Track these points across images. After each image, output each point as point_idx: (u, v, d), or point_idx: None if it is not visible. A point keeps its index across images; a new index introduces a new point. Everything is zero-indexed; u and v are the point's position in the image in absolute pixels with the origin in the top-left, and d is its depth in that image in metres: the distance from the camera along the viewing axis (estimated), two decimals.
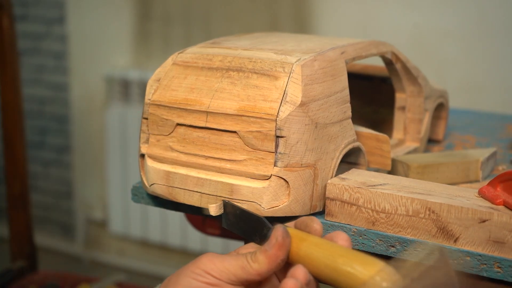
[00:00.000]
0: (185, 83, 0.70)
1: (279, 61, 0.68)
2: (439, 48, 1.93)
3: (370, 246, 0.66)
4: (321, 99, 0.67)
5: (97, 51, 2.45)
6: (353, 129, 0.73)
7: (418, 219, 0.63)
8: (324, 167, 0.68)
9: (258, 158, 0.65)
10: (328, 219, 0.68)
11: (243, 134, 0.65)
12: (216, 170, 0.67)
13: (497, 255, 0.60)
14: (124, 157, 2.40)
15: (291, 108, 0.65)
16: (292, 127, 0.64)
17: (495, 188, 0.64)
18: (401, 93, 0.88)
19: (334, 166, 0.69)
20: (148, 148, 0.71)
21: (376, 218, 0.65)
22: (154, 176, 0.70)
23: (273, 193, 0.65)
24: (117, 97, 2.41)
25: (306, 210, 0.67)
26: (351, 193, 0.66)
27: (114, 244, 2.59)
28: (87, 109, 2.50)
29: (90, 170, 2.54)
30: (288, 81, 0.66)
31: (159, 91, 0.71)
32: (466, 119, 1.14)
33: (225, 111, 0.66)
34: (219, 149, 0.67)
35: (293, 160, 0.65)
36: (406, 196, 0.64)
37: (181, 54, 0.73)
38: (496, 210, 0.61)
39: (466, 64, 1.90)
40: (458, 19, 1.88)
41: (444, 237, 0.62)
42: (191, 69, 0.71)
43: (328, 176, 0.69)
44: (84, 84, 2.49)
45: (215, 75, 0.69)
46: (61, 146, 2.56)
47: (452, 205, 0.62)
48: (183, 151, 0.69)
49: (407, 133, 0.90)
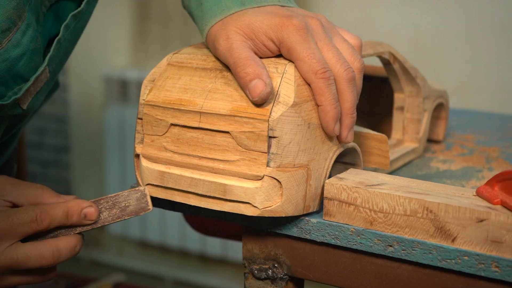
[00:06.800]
0: (179, 84, 0.70)
1: (272, 61, 0.68)
2: (437, 48, 1.93)
3: (368, 246, 0.66)
4: (314, 100, 0.67)
5: (95, 52, 2.45)
6: None
7: (416, 218, 0.63)
8: (317, 168, 0.68)
9: (250, 158, 0.65)
10: (326, 219, 0.68)
11: (235, 134, 0.65)
12: (210, 171, 0.67)
13: (494, 255, 0.60)
14: (122, 157, 2.40)
15: (283, 108, 0.64)
16: (284, 127, 0.64)
17: (493, 188, 0.64)
18: (399, 93, 0.88)
19: (328, 166, 0.69)
20: (142, 148, 0.71)
21: (374, 218, 0.65)
22: (148, 176, 0.70)
23: (266, 194, 0.65)
24: (115, 97, 2.41)
25: (299, 210, 0.67)
26: (349, 192, 0.66)
27: (113, 244, 2.59)
28: (86, 109, 2.50)
29: (89, 170, 2.54)
30: (281, 82, 0.66)
31: (153, 91, 0.71)
32: (464, 119, 1.14)
33: (218, 111, 0.66)
34: (213, 150, 0.67)
35: (285, 160, 0.65)
36: (404, 196, 0.64)
37: (176, 54, 0.73)
38: (493, 210, 0.60)
39: (465, 64, 1.90)
40: (457, 19, 1.89)
41: (442, 236, 0.62)
42: (186, 70, 0.71)
43: (321, 177, 0.68)
44: (83, 84, 2.49)
45: (209, 75, 0.69)
46: (59, 146, 2.56)
47: (450, 204, 0.62)
48: (177, 151, 0.69)
49: (405, 133, 0.89)
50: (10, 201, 0.67)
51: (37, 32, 0.72)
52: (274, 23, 0.67)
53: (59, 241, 0.66)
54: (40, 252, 0.65)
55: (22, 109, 0.74)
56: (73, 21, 0.78)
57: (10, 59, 0.70)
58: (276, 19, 0.67)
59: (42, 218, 0.65)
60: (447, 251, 0.62)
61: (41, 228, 0.66)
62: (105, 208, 0.68)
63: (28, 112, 0.77)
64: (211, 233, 1.24)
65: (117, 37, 2.39)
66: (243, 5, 0.69)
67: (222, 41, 0.67)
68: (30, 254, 0.65)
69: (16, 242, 0.65)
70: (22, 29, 0.70)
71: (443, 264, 0.62)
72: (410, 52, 1.75)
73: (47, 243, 0.66)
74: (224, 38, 0.67)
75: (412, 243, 0.63)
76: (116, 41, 2.40)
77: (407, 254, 0.64)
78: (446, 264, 0.62)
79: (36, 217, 0.65)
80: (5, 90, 0.71)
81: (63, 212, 0.66)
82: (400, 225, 0.64)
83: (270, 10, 0.69)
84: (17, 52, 0.70)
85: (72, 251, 0.67)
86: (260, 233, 0.72)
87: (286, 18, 0.66)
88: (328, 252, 0.69)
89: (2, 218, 0.64)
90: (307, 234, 0.68)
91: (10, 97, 0.71)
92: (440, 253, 0.62)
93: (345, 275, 0.69)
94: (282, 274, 0.72)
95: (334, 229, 0.67)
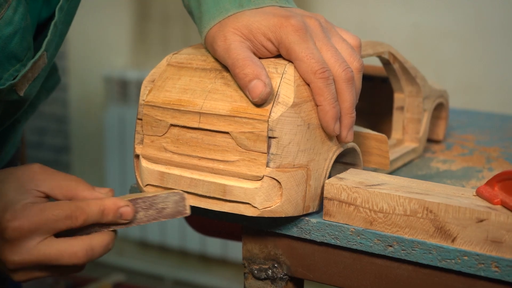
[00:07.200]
0: (179, 84, 0.70)
1: (272, 61, 0.68)
2: (437, 48, 1.93)
3: (368, 246, 0.66)
4: (314, 100, 0.67)
5: (95, 52, 2.45)
6: None
7: (416, 218, 0.63)
8: (317, 168, 0.68)
9: (250, 159, 0.65)
10: (326, 219, 0.68)
11: (235, 135, 0.65)
12: (209, 171, 0.67)
13: (494, 255, 0.60)
14: (122, 157, 2.40)
15: (283, 109, 0.64)
16: (284, 128, 0.64)
17: (493, 188, 0.64)
18: (399, 93, 0.88)
19: (328, 166, 0.69)
20: (142, 149, 0.71)
21: (374, 218, 0.65)
22: (148, 177, 0.70)
23: (265, 194, 0.65)
24: (115, 98, 2.41)
25: (298, 210, 0.67)
26: (348, 193, 0.66)
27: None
28: (86, 109, 2.50)
29: (89, 170, 2.54)
30: (280, 82, 0.66)
31: (153, 92, 0.71)
32: (464, 119, 1.14)
33: (217, 112, 0.66)
34: (212, 150, 0.67)
35: (285, 161, 0.65)
36: (404, 196, 0.64)
37: (175, 55, 0.73)
38: (493, 210, 0.60)
39: (464, 64, 1.90)
40: (457, 19, 1.89)
41: (442, 236, 0.62)
42: (185, 70, 0.71)
43: (321, 177, 0.68)
44: (83, 85, 2.49)
45: (208, 75, 0.69)
46: (59, 147, 2.56)
47: (450, 204, 0.62)
48: (177, 152, 0.69)
49: (405, 133, 0.89)
50: (44, 192, 0.66)
51: (26, 9, 0.71)
52: (272, 23, 0.66)
53: (93, 238, 0.65)
54: (74, 250, 0.63)
55: (19, 95, 0.72)
56: (66, 2, 0.76)
57: (3, 37, 0.68)
58: (275, 19, 0.67)
59: (77, 215, 0.64)
60: (447, 251, 0.62)
61: (75, 225, 0.64)
62: (141, 208, 0.67)
63: (25, 100, 0.75)
64: (211, 233, 1.24)
65: (117, 37, 2.39)
66: (241, 6, 0.69)
67: (220, 42, 0.67)
68: (64, 252, 0.63)
69: (49, 236, 0.63)
70: (13, 6, 0.68)
71: (443, 264, 0.62)
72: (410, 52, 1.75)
73: (81, 241, 0.64)
74: (222, 39, 0.67)
75: (412, 243, 0.63)
76: (116, 41, 2.40)
77: (407, 254, 0.64)
78: (446, 264, 0.62)
79: (71, 214, 0.63)
80: (1, 72, 0.70)
81: (99, 210, 0.65)
82: (400, 225, 0.64)
83: (268, 10, 0.69)
84: (9, 30, 0.68)
85: (105, 249, 0.65)
86: (260, 233, 0.72)
87: (285, 18, 0.66)
88: (328, 252, 0.69)
89: (36, 212, 0.63)
90: (307, 234, 0.68)
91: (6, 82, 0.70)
92: (440, 253, 0.62)
93: (345, 275, 0.69)
94: (282, 274, 0.72)
95: (334, 229, 0.67)
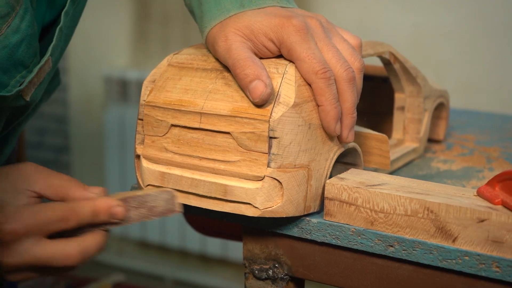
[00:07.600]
0: (179, 84, 0.70)
1: (273, 61, 0.68)
2: (437, 48, 1.93)
3: (369, 246, 0.66)
4: (315, 100, 0.67)
5: (95, 52, 2.45)
6: None
7: (417, 218, 0.63)
8: (318, 168, 0.68)
9: (251, 159, 0.65)
10: (327, 219, 0.68)
11: (236, 135, 0.65)
12: (210, 171, 0.67)
13: (495, 255, 0.60)
14: (122, 157, 2.40)
15: (284, 109, 0.64)
16: (285, 128, 0.64)
17: (494, 188, 0.64)
18: (400, 93, 0.88)
19: (329, 166, 0.69)
20: (143, 149, 0.71)
21: (375, 218, 0.65)
22: (149, 177, 0.70)
23: (266, 194, 0.65)
24: (115, 97, 2.41)
25: (299, 211, 0.67)
26: (349, 193, 0.66)
27: (113, 244, 2.59)
28: (86, 109, 2.50)
29: (89, 170, 2.54)
30: (281, 82, 0.66)
31: (154, 92, 0.71)
32: (464, 119, 1.14)
33: (218, 112, 0.66)
34: (213, 150, 0.67)
35: (286, 161, 0.65)
36: (404, 196, 0.64)
37: (176, 55, 0.73)
38: (494, 210, 0.60)
39: (465, 64, 1.90)
40: (457, 19, 1.89)
41: (443, 236, 0.62)
42: (186, 70, 0.71)
43: (322, 177, 0.68)
44: (83, 84, 2.49)
45: (209, 76, 0.69)
46: (59, 146, 2.56)
47: (451, 204, 0.62)
48: (178, 152, 0.69)
49: (406, 133, 0.90)
50: (36, 192, 0.66)
51: (33, 17, 0.71)
52: (273, 23, 0.67)
53: (86, 239, 0.65)
54: (67, 252, 0.63)
55: (25, 100, 0.72)
56: (72, 6, 0.77)
57: (10, 45, 0.68)
58: (276, 19, 0.67)
59: (70, 218, 0.63)
60: (448, 251, 0.62)
61: (68, 228, 0.64)
62: (132, 207, 0.67)
63: (30, 104, 0.75)
64: (211, 234, 1.24)
65: (117, 37, 2.39)
66: (242, 7, 0.69)
67: (221, 42, 0.67)
68: (57, 254, 0.63)
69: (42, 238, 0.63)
70: (20, 14, 0.68)
71: (444, 264, 0.62)
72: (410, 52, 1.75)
73: (74, 242, 0.64)
74: (223, 40, 0.67)
75: (413, 243, 0.63)
76: (116, 41, 2.40)
77: (408, 254, 0.64)
78: (447, 264, 0.62)
79: (64, 216, 0.63)
80: (7, 79, 0.70)
81: (92, 211, 0.64)
82: (400, 225, 0.64)
83: (269, 11, 0.69)
84: (16, 38, 0.68)
85: (98, 249, 0.65)
86: (261, 233, 0.72)
87: (286, 18, 0.66)
88: (329, 252, 0.69)
89: (29, 215, 0.62)
90: (307, 234, 0.68)
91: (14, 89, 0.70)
92: (441, 253, 0.62)
93: (345, 275, 0.69)
94: (283, 274, 0.72)
95: (334, 229, 0.67)
